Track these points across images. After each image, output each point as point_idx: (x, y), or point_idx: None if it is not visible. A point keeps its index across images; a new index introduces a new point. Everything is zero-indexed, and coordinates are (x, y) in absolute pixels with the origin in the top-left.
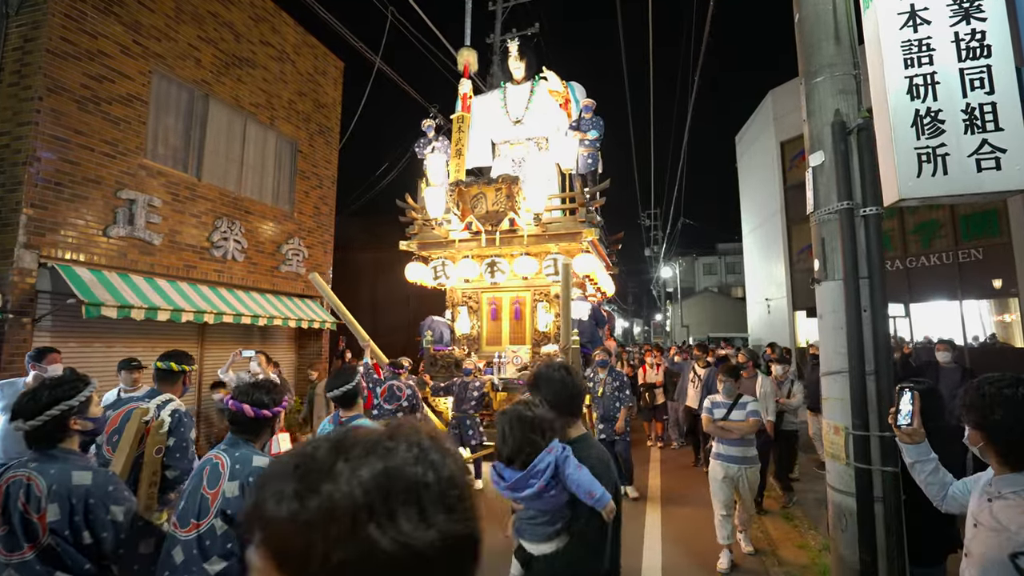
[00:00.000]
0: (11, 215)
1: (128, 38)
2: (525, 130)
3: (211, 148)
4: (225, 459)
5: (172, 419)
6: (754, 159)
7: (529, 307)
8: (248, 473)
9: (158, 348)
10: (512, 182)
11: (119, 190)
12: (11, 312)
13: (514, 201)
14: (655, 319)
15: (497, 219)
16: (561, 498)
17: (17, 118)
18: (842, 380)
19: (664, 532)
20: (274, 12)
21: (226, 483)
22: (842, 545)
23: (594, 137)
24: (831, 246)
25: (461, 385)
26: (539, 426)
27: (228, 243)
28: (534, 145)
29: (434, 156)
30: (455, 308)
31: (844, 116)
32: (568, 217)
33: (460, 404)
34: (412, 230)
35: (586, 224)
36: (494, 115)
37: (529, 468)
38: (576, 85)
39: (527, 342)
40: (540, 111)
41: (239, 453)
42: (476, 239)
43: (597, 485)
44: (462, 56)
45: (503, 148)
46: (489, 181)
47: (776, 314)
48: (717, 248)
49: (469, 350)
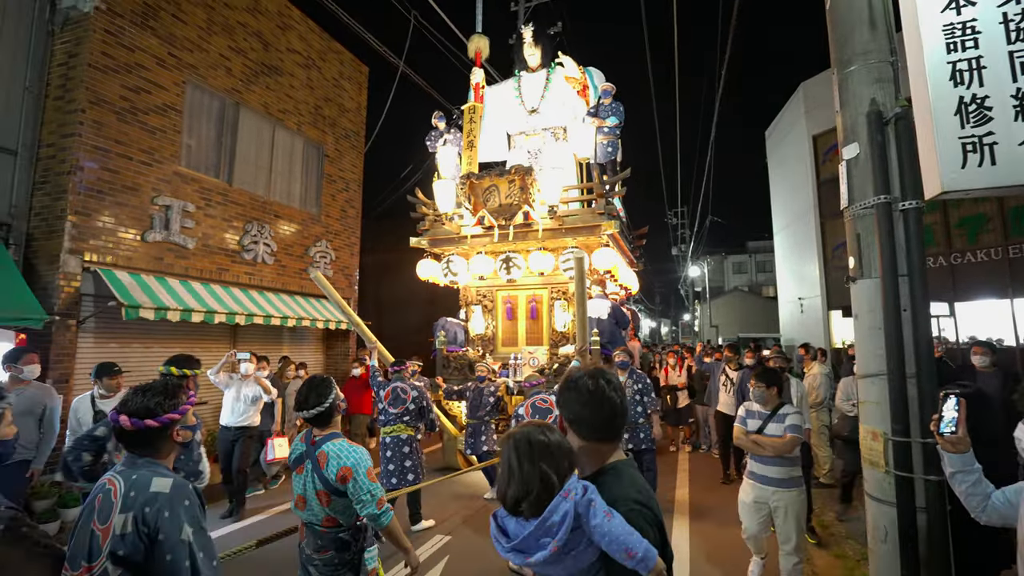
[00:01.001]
0: (57, 222)
1: (163, 50)
2: (541, 120)
3: (241, 154)
4: (119, 484)
5: None
6: (785, 154)
7: (546, 306)
8: (144, 502)
9: (193, 349)
10: (526, 173)
11: (155, 196)
12: (58, 314)
13: (528, 193)
14: (683, 319)
15: (511, 213)
16: (587, 556)
17: (62, 130)
18: (880, 383)
19: (693, 551)
20: (300, 20)
21: (116, 516)
22: (881, 557)
23: (613, 124)
24: (867, 242)
25: (475, 390)
26: (556, 457)
27: (258, 246)
28: (551, 135)
29: (445, 149)
30: (469, 307)
31: (880, 105)
32: (586, 209)
33: (475, 410)
34: (423, 226)
35: (605, 216)
36: (509, 105)
37: (540, 521)
38: (594, 71)
39: (544, 343)
40: (557, 99)
41: (136, 476)
42: (489, 234)
43: (637, 539)
44: (473, 44)
45: (518, 139)
46: (501, 172)
47: (810, 313)
48: (747, 246)
49: (484, 351)
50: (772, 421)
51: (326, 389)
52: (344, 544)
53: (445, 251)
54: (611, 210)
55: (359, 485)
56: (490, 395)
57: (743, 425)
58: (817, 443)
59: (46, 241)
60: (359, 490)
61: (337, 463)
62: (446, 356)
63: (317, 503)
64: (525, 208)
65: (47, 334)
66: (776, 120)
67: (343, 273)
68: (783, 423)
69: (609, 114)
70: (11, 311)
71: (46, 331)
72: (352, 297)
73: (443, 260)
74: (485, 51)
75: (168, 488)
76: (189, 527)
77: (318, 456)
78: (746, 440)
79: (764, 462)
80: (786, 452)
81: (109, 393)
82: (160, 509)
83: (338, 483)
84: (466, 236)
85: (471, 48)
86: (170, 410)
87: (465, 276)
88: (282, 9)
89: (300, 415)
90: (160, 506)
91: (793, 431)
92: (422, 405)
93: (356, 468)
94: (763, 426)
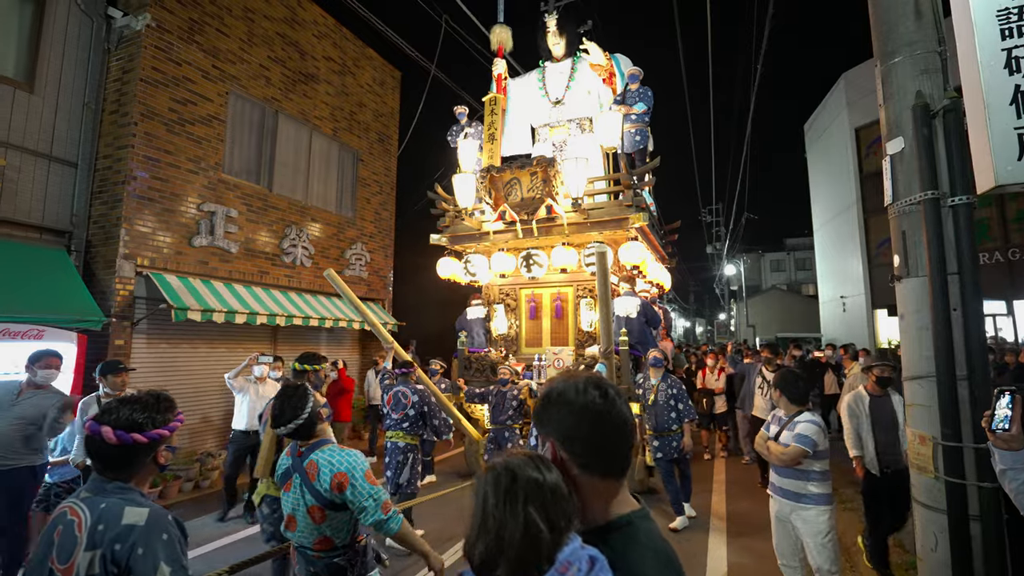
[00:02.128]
0: (113, 229)
1: (208, 63)
2: (566, 111)
3: (280, 160)
4: (83, 515)
5: None
6: (826, 148)
7: (571, 304)
8: (114, 537)
9: (236, 349)
10: (548, 165)
11: (201, 203)
12: (114, 316)
13: (551, 186)
14: (719, 318)
15: (533, 207)
16: None
17: (117, 142)
18: (928, 385)
19: (731, 569)
20: (335, 28)
21: (81, 554)
22: (931, 568)
23: (641, 111)
24: (913, 240)
25: (497, 394)
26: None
27: (297, 250)
28: (576, 127)
29: (466, 142)
30: (491, 306)
31: (927, 98)
32: (613, 201)
33: (497, 415)
34: (443, 222)
35: (633, 208)
36: (532, 97)
37: None
38: (621, 57)
39: (570, 343)
40: (582, 89)
41: (105, 505)
42: (511, 230)
43: None
44: (495, 34)
45: (543, 132)
46: (523, 165)
47: (853, 312)
48: (785, 243)
49: (507, 352)
50: (786, 428)
51: (302, 400)
52: (339, 570)
53: (466, 248)
54: (639, 202)
55: (358, 490)
56: (513, 399)
57: (766, 431)
58: None
59: (103, 247)
60: (359, 496)
61: (330, 470)
62: (467, 357)
63: (309, 522)
64: (548, 202)
65: (105, 335)
66: (816, 113)
67: (378, 275)
68: (793, 431)
69: (637, 100)
70: (72, 313)
71: (104, 332)
72: (387, 298)
73: (464, 257)
74: (508, 43)
75: (143, 520)
76: (167, 566)
77: (307, 468)
78: (761, 445)
79: (779, 472)
80: (788, 463)
81: (115, 392)
82: (134, 545)
83: (334, 493)
84: (487, 232)
85: (493, 39)
86: (160, 425)
87: (486, 274)
88: (317, 18)
89: (278, 431)
90: (134, 541)
91: (799, 441)
92: (423, 411)
93: (352, 472)
94: (778, 432)
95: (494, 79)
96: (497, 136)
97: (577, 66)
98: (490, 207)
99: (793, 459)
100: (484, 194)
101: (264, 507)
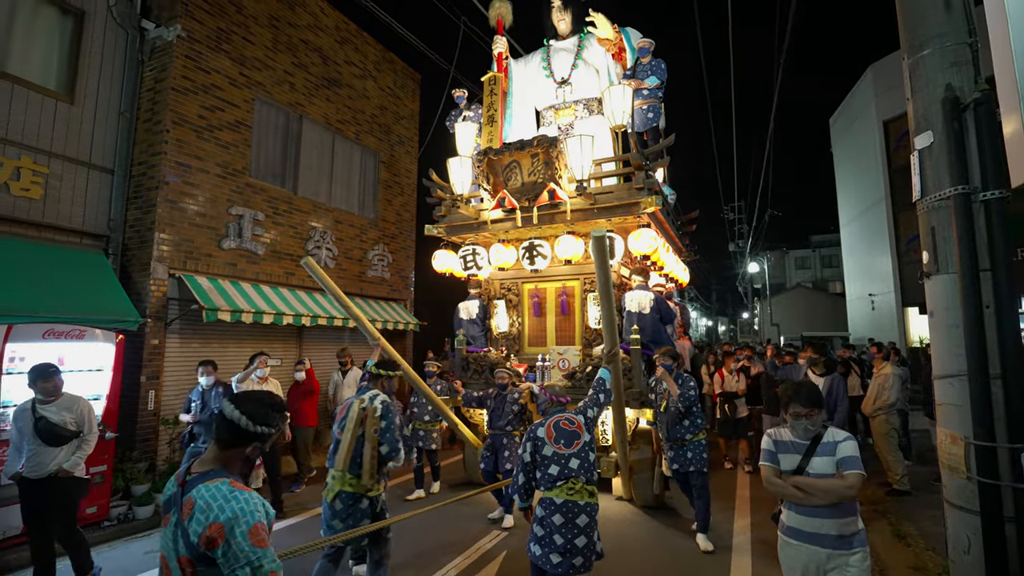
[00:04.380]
0: (147, 233)
1: (235, 71)
2: (573, 92)
3: (304, 164)
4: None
5: (382, 407)
6: (853, 142)
7: (578, 299)
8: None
9: (263, 348)
10: (550, 145)
11: (230, 207)
12: (149, 317)
13: (554, 169)
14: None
15: (535, 192)
16: None
17: (151, 149)
18: (959, 384)
19: None
20: (356, 33)
21: None
22: (964, 570)
23: (653, 85)
24: (943, 236)
25: (497, 398)
26: None
27: (321, 251)
28: (584, 108)
29: (464, 125)
30: (492, 302)
31: (957, 91)
32: (622, 185)
33: (495, 420)
34: (439, 211)
35: (645, 192)
36: (536, 79)
37: None
38: (631, 30)
39: (576, 342)
40: (590, 68)
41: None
42: (511, 218)
43: None
44: (494, 9)
45: (548, 115)
46: (522, 146)
47: (882, 310)
48: (810, 240)
49: (508, 352)
50: (817, 454)
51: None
52: None
53: (464, 239)
54: (651, 184)
55: (234, 551)
56: (513, 403)
57: (772, 463)
58: (886, 448)
59: (138, 251)
60: (233, 559)
61: (204, 518)
62: (465, 357)
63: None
64: (551, 186)
65: (140, 335)
66: (842, 106)
67: (400, 275)
68: (834, 455)
69: (648, 73)
70: (111, 314)
71: (140, 332)
72: (408, 299)
73: (463, 250)
74: (508, 17)
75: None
76: None
77: (184, 504)
78: (782, 485)
79: (812, 514)
80: (848, 497)
81: (48, 398)
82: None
83: (202, 547)
84: (485, 221)
85: (492, 14)
86: None
87: (486, 267)
88: (339, 24)
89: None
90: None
91: (854, 465)
92: None
93: (232, 525)
94: (804, 462)
95: (494, 58)
96: (497, 118)
97: (584, 43)
98: (488, 193)
99: (855, 490)
100: (482, 180)
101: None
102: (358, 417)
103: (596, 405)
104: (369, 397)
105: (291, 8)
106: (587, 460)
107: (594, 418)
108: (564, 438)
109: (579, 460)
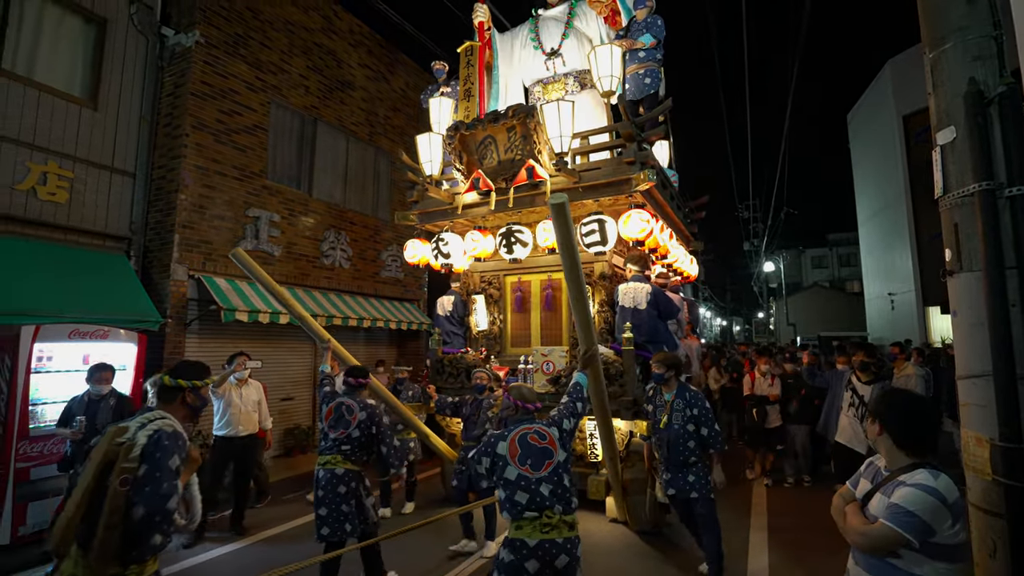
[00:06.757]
0: (168, 235)
1: (252, 75)
2: (563, 64)
3: (319, 166)
4: None
5: (150, 441)
6: (871, 137)
7: (565, 292)
8: None
9: (280, 348)
10: (527, 115)
11: (247, 209)
12: (170, 317)
13: (533, 143)
14: (757, 317)
15: (512, 171)
16: None
17: (170, 153)
18: (984, 384)
19: None
20: (369, 36)
21: None
22: (991, 574)
23: (648, 44)
24: (966, 233)
25: (473, 404)
26: None
27: (336, 252)
28: (575, 81)
29: (438, 100)
30: (471, 297)
31: (980, 85)
32: (612, 159)
33: (471, 429)
34: (412, 197)
35: (636, 167)
36: (524, 51)
37: None
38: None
39: (564, 341)
40: (582, 37)
41: None
42: (486, 201)
43: None
44: None
45: (536, 90)
46: (496, 118)
47: (902, 309)
48: (827, 239)
49: (488, 353)
50: (883, 490)
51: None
52: None
53: (440, 227)
54: (644, 158)
55: None
56: (488, 408)
57: (851, 486)
58: None
59: (159, 252)
60: None
61: None
62: (440, 359)
63: None
64: (530, 163)
65: (161, 335)
66: (860, 101)
67: (413, 275)
68: (890, 495)
69: (643, 31)
70: (133, 315)
71: (160, 332)
72: (422, 299)
73: (435, 239)
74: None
75: None
76: None
77: None
78: (838, 509)
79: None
80: (873, 549)
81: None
82: None
83: None
84: (457, 207)
85: None
86: None
87: (461, 257)
88: (353, 27)
89: None
90: None
91: (895, 518)
92: (371, 432)
93: None
94: (871, 493)
95: (475, 28)
96: (475, 92)
97: (575, 11)
98: (461, 174)
99: (878, 545)
100: (455, 159)
101: None
102: (102, 459)
103: (572, 415)
104: (137, 425)
105: (305, 12)
106: (561, 485)
107: (570, 431)
108: (532, 457)
109: (551, 485)
